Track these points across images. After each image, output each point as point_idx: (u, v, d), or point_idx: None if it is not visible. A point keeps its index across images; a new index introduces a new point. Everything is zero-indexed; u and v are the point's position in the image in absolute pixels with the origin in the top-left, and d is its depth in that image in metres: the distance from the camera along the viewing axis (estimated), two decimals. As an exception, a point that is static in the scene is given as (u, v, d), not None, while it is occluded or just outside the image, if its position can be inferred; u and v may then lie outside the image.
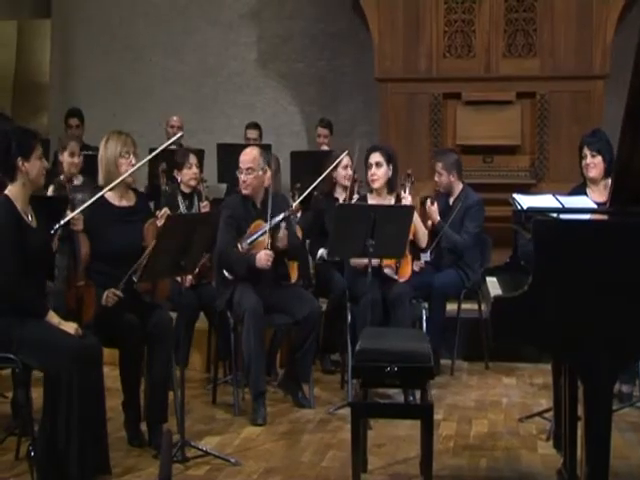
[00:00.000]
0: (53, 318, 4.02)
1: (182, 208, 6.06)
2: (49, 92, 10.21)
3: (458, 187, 6.31)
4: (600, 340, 3.11)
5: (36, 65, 11.50)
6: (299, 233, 5.70)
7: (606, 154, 5.20)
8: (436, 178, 6.36)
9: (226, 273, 5.36)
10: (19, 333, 3.98)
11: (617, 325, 3.11)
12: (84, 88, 9.59)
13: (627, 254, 3.13)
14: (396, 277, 5.63)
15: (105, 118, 8.97)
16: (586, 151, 5.32)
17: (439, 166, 6.33)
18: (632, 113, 3.30)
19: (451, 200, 6.30)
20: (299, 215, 6.14)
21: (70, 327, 4.01)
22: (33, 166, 4.07)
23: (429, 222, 6.08)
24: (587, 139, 5.37)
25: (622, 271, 3.12)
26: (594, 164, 5.29)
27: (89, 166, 6.08)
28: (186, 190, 6.16)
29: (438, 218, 6.08)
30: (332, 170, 6.08)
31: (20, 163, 4.05)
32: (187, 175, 6.14)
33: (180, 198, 6.12)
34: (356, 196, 6.06)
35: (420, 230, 5.73)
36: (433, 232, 6.04)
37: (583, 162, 5.36)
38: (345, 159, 6.12)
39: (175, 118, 8.56)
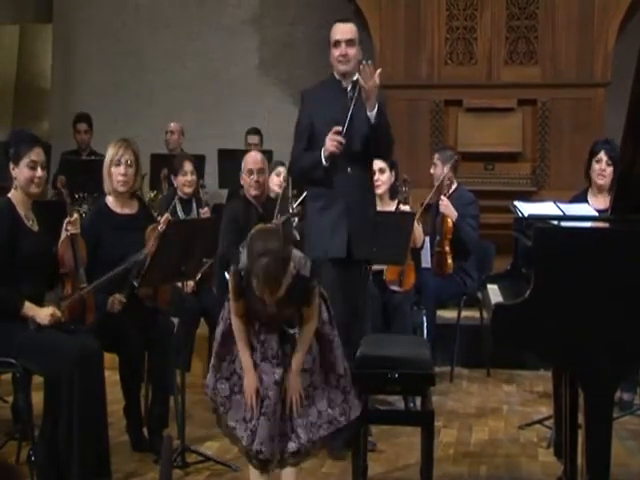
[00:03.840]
0: (29, 310, 4.01)
1: (180, 214, 6.06)
2: (50, 97, 10.22)
3: (452, 185, 6.29)
4: (601, 347, 3.11)
5: (37, 70, 11.51)
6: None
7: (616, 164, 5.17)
8: (432, 170, 6.34)
9: (227, 276, 5.36)
10: (20, 338, 3.99)
11: (618, 332, 3.11)
12: (86, 93, 9.61)
13: (628, 261, 3.13)
14: (401, 290, 5.62)
15: (107, 124, 8.97)
16: (603, 155, 5.29)
17: (436, 157, 6.33)
18: (633, 121, 3.31)
19: None
20: (296, 220, 6.13)
21: (47, 311, 4.02)
22: (20, 173, 4.09)
23: (448, 220, 6.06)
24: (603, 145, 5.33)
25: (623, 278, 3.12)
26: (607, 173, 5.26)
27: (94, 173, 6.05)
28: (183, 196, 6.16)
29: (456, 213, 6.07)
30: None
31: (11, 168, 4.08)
32: (181, 181, 6.12)
33: (178, 204, 6.12)
34: None
35: (417, 230, 5.67)
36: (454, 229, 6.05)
37: (597, 166, 5.32)
38: None
39: (172, 124, 8.56)
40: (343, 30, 4.75)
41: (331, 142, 4.49)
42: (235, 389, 3.61)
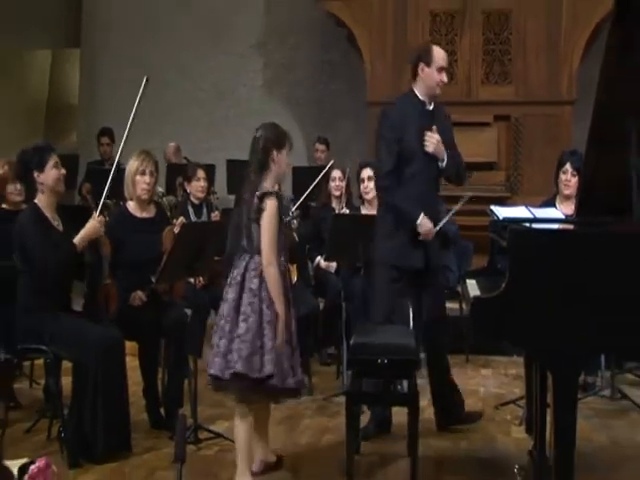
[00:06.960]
0: (78, 239, 4.10)
1: (192, 217, 6.05)
2: (78, 113, 10.22)
3: None
4: (567, 336, 3.11)
5: (67, 89, 11.53)
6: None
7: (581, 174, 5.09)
8: None
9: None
10: (51, 327, 4.00)
11: (581, 323, 3.11)
12: (109, 110, 9.58)
13: (590, 259, 3.13)
14: None
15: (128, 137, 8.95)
16: (568, 167, 5.21)
17: None
18: (596, 134, 3.32)
19: None
20: (295, 222, 6.13)
21: (89, 224, 4.15)
22: (48, 175, 4.12)
23: None
24: (570, 157, 5.23)
25: (586, 274, 3.12)
26: (572, 184, 5.16)
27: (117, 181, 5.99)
28: (195, 201, 6.16)
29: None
30: (325, 183, 6.09)
31: (36, 175, 4.09)
32: (195, 187, 6.12)
33: (190, 208, 6.12)
34: (346, 210, 6.00)
35: None
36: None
37: (563, 177, 5.24)
38: (335, 172, 6.09)
39: (172, 144, 8.47)
40: (446, 58, 4.53)
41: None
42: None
